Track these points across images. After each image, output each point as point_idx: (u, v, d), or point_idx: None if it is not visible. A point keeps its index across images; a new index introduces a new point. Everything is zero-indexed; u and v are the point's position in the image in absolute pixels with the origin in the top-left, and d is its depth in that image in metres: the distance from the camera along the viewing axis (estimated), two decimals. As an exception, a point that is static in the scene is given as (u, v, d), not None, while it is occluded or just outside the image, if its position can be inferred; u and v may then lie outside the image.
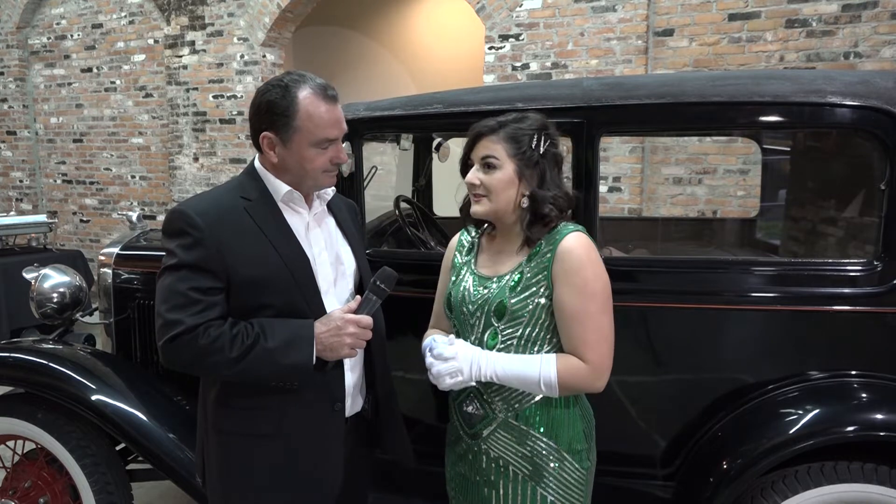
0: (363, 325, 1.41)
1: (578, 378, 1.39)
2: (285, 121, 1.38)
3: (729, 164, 4.31)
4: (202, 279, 1.36)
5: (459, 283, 1.53)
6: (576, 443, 1.46)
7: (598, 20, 4.48)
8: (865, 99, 1.67)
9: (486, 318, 1.45)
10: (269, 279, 1.40)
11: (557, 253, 1.40)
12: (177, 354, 1.35)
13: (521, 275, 1.43)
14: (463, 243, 1.62)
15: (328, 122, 1.40)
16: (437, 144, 3.05)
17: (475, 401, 1.50)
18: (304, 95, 1.38)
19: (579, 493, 1.47)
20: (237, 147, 5.94)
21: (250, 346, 1.34)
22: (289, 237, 1.45)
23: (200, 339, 1.32)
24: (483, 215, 1.48)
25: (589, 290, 1.38)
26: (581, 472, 1.47)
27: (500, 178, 1.43)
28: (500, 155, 1.43)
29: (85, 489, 2.16)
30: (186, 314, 1.33)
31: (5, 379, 2.25)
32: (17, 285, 4.43)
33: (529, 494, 1.44)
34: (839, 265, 1.77)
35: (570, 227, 1.44)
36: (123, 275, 2.55)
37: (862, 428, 1.66)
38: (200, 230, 1.36)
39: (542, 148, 1.43)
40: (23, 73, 7.00)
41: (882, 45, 3.90)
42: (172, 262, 1.37)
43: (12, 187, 7.26)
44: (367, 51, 7.39)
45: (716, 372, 1.85)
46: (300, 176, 1.44)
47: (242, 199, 1.44)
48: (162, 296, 1.37)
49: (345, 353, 1.41)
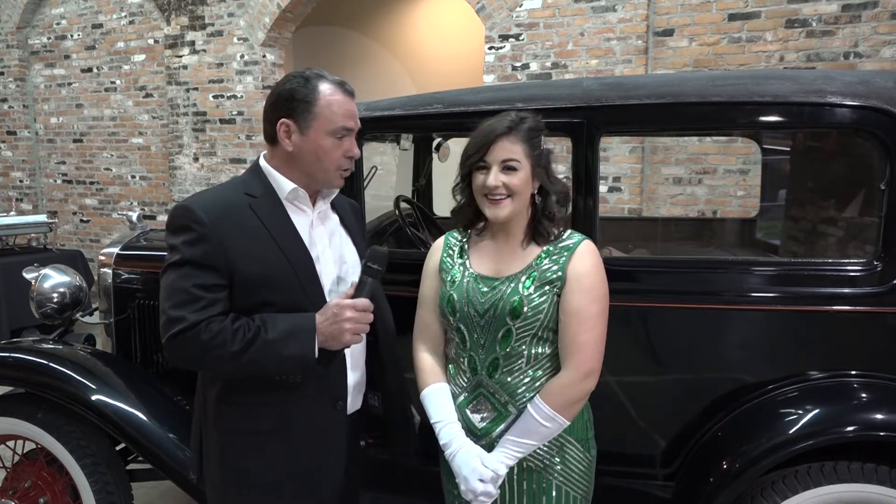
0: (360, 307, 1.38)
1: (566, 388, 1.43)
2: (305, 107, 1.40)
3: (729, 164, 4.31)
4: (205, 276, 1.36)
5: (459, 284, 1.53)
6: (582, 431, 1.51)
7: (598, 20, 4.48)
8: (865, 99, 1.67)
9: (499, 319, 1.46)
10: (272, 277, 1.40)
11: (575, 255, 1.45)
12: (180, 351, 1.36)
13: (533, 274, 1.46)
14: (451, 245, 1.61)
15: (346, 112, 1.43)
16: (437, 144, 3.05)
17: (485, 403, 1.50)
18: (325, 86, 1.42)
19: (586, 481, 1.52)
20: (237, 147, 5.94)
21: (252, 340, 1.33)
22: (293, 235, 1.45)
23: (203, 335, 1.32)
24: (506, 218, 1.48)
25: (593, 294, 1.44)
26: (588, 460, 1.52)
27: (522, 178, 1.45)
28: (519, 157, 1.45)
29: (85, 489, 2.16)
30: (189, 311, 1.33)
31: (5, 379, 2.25)
32: (17, 285, 4.43)
33: (544, 486, 1.48)
34: (839, 265, 1.77)
35: (577, 235, 1.51)
36: (123, 275, 2.55)
37: (862, 428, 1.66)
38: (204, 226, 1.36)
39: (543, 145, 1.50)
40: (23, 73, 7.01)
41: (882, 45, 3.90)
42: (176, 258, 1.37)
43: (12, 187, 7.26)
44: (367, 51, 7.39)
45: (716, 372, 1.84)
46: (313, 167, 1.44)
47: (247, 195, 1.44)
48: (165, 292, 1.37)
49: (347, 339, 1.38)
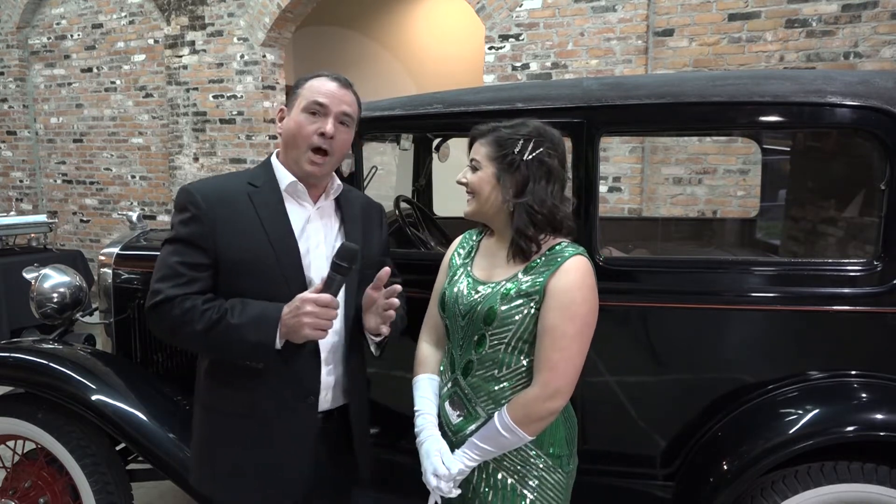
0: (321, 302, 1.36)
1: (530, 403, 1.38)
2: (295, 92, 1.51)
3: (729, 164, 4.31)
4: (191, 254, 1.43)
5: (455, 283, 1.54)
6: (558, 447, 1.46)
7: (598, 20, 4.48)
8: (865, 99, 1.67)
9: (475, 323, 1.45)
10: (255, 262, 1.44)
11: (559, 271, 1.40)
12: (156, 322, 1.44)
13: (515, 284, 1.43)
14: (464, 244, 1.63)
15: (324, 91, 1.48)
16: (438, 144, 3.05)
17: (458, 403, 1.50)
18: (318, 77, 1.52)
19: (559, 498, 1.47)
20: (237, 147, 5.94)
21: (216, 321, 1.38)
22: (283, 225, 1.48)
23: (174, 310, 1.39)
24: (471, 215, 1.53)
25: (571, 311, 1.37)
26: (562, 477, 1.47)
27: (480, 177, 1.48)
28: (481, 157, 1.48)
29: (85, 489, 2.16)
30: (168, 285, 1.41)
31: (5, 379, 2.25)
32: (17, 285, 4.43)
33: (510, 497, 1.44)
34: (839, 265, 1.77)
35: (571, 249, 1.44)
36: (123, 275, 2.55)
37: (862, 428, 1.66)
38: (199, 207, 1.43)
39: (526, 154, 1.42)
40: (23, 73, 7.01)
41: (882, 45, 3.90)
42: (171, 235, 1.47)
43: (12, 187, 7.26)
44: (367, 51, 7.40)
45: (716, 372, 1.84)
46: (290, 146, 1.50)
47: (250, 185, 1.50)
48: (156, 267, 1.46)
49: (305, 332, 1.36)
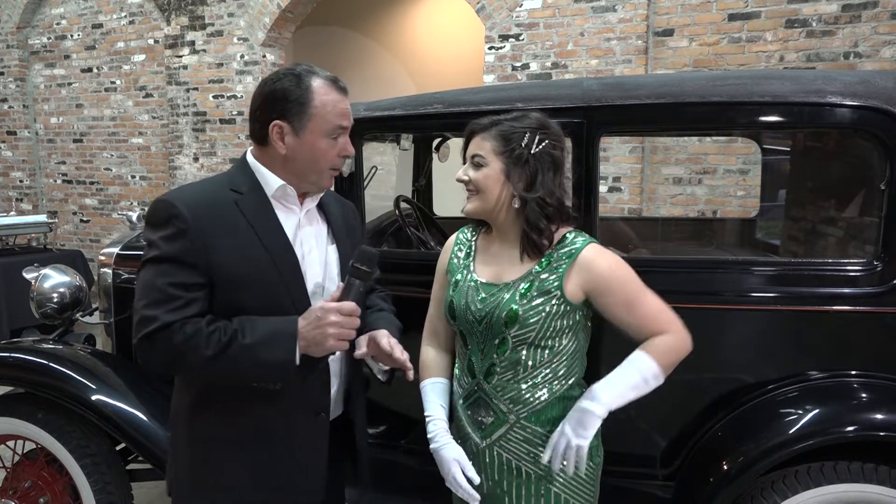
0: (345, 311, 1.28)
1: (673, 350, 1.41)
2: (300, 108, 1.33)
3: (729, 164, 4.32)
4: (183, 274, 1.28)
5: (461, 289, 1.50)
6: None
7: (598, 20, 4.48)
8: (865, 99, 1.67)
9: (495, 327, 1.43)
10: (253, 276, 1.32)
11: (578, 264, 1.40)
12: (152, 353, 1.28)
13: (531, 282, 1.41)
14: (461, 244, 1.58)
15: (341, 111, 1.38)
16: (438, 144, 3.05)
17: (483, 406, 1.48)
18: (318, 84, 1.35)
19: (590, 490, 1.48)
20: (237, 147, 5.94)
21: (227, 344, 1.25)
22: (278, 233, 1.37)
23: (176, 337, 1.24)
24: (474, 213, 1.48)
25: (620, 279, 1.42)
26: (591, 468, 1.47)
27: (487, 174, 1.42)
28: (486, 152, 1.43)
29: (85, 489, 2.16)
30: (163, 310, 1.25)
31: (5, 379, 2.25)
32: (17, 285, 4.42)
33: (542, 493, 1.45)
34: (839, 265, 1.76)
35: (580, 238, 1.44)
36: (123, 275, 2.55)
37: (862, 428, 1.66)
38: (185, 221, 1.28)
39: (534, 147, 1.40)
40: (23, 73, 7.01)
41: (882, 45, 3.90)
42: (153, 254, 1.29)
43: (12, 187, 7.26)
44: (367, 51, 7.39)
45: (716, 372, 1.84)
46: (307, 168, 1.38)
47: (233, 192, 1.36)
48: (140, 291, 1.29)
49: (330, 345, 1.28)
